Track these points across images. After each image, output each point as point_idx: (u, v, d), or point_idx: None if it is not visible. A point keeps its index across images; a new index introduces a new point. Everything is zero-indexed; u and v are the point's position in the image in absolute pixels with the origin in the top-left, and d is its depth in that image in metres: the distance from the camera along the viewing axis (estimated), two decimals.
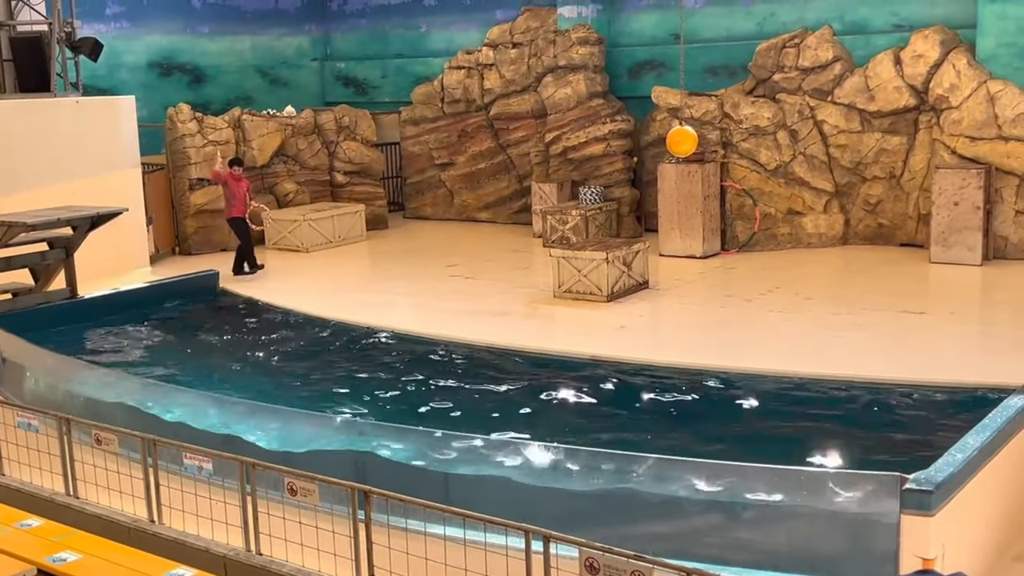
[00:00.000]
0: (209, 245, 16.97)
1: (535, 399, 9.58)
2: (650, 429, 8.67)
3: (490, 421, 9.00)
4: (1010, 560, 6.91)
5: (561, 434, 8.61)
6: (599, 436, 8.52)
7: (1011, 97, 13.73)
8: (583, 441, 8.37)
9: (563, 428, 8.75)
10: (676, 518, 6.59)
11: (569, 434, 8.59)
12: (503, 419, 9.06)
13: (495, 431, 8.72)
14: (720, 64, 16.75)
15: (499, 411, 9.28)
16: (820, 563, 6.31)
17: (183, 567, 5.85)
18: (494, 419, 9.07)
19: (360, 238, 17.64)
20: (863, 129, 14.96)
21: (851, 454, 7.98)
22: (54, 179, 14.29)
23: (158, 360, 11.47)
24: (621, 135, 16.96)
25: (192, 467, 6.97)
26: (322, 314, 12.73)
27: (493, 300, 13.02)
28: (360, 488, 6.18)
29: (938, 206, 13.90)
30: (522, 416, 9.15)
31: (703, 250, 15.14)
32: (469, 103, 18.68)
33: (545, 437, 8.48)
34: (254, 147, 17.55)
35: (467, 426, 8.92)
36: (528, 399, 9.59)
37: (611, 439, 8.38)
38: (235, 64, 20.78)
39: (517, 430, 8.66)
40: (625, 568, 5.11)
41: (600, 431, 8.67)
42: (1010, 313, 11.66)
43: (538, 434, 8.56)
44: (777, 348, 10.41)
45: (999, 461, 6.93)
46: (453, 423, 8.96)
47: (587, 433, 8.61)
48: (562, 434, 8.60)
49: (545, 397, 9.62)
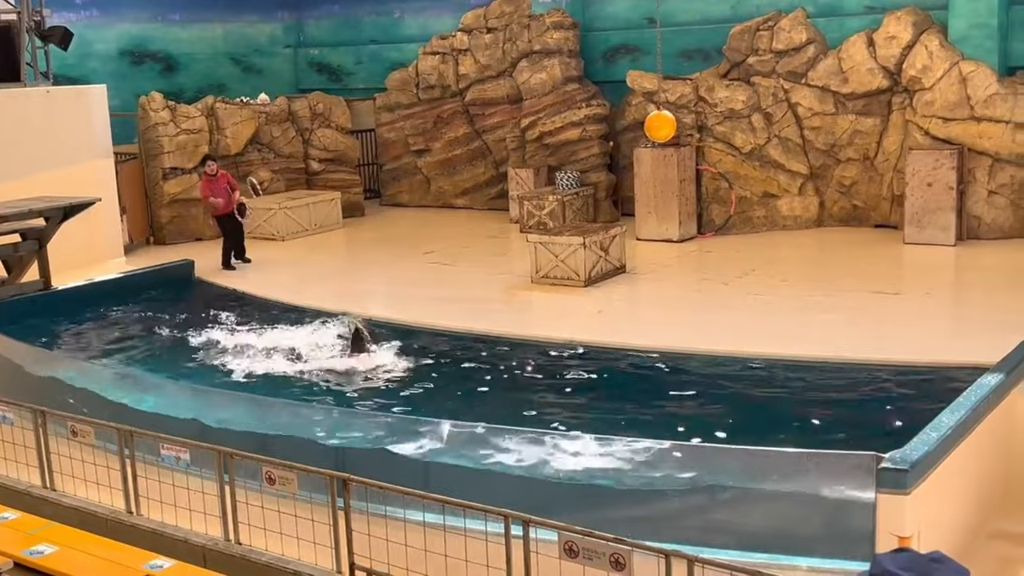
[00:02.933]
0: (184, 235, 16.86)
1: (511, 384, 9.58)
2: (628, 413, 8.69)
3: (467, 407, 9.00)
4: (985, 538, 6.98)
5: (539, 419, 8.62)
6: (578, 420, 8.54)
7: (983, 78, 13.81)
8: (560, 425, 8.40)
9: (539, 412, 8.76)
10: (653, 501, 6.62)
11: (547, 419, 8.61)
12: (476, 405, 9.06)
13: (473, 418, 8.73)
14: (694, 48, 16.75)
15: (475, 397, 9.29)
16: (798, 543, 6.35)
17: (162, 558, 5.82)
18: (470, 405, 9.08)
19: (336, 226, 17.57)
20: (837, 111, 15.02)
21: (827, 434, 8.03)
22: (25, 170, 14.13)
23: (132, 350, 11.40)
24: (597, 120, 16.96)
25: (169, 458, 6.94)
26: (298, 302, 12.68)
27: (471, 287, 13.01)
28: (339, 476, 6.17)
29: (911, 187, 13.99)
30: (497, 401, 9.15)
31: (680, 234, 15.17)
32: (444, 89, 18.61)
33: (523, 423, 8.50)
34: (228, 135, 17.42)
35: (444, 413, 8.93)
36: (504, 384, 9.59)
37: (589, 423, 8.41)
38: (207, 52, 20.61)
39: (492, 416, 8.67)
40: (604, 551, 5.13)
41: (578, 415, 8.69)
42: (983, 293, 11.76)
43: (516, 420, 8.57)
44: (754, 330, 10.45)
45: (973, 439, 6.98)
46: (431, 411, 8.96)
47: (565, 417, 8.63)
48: (540, 419, 8.62)
49: (521, 382, 9.62)
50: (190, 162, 16.87)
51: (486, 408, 8.96)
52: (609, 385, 9.46)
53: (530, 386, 9.55)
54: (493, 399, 9.28)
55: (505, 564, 5.58)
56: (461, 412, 8.52)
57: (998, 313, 10.42)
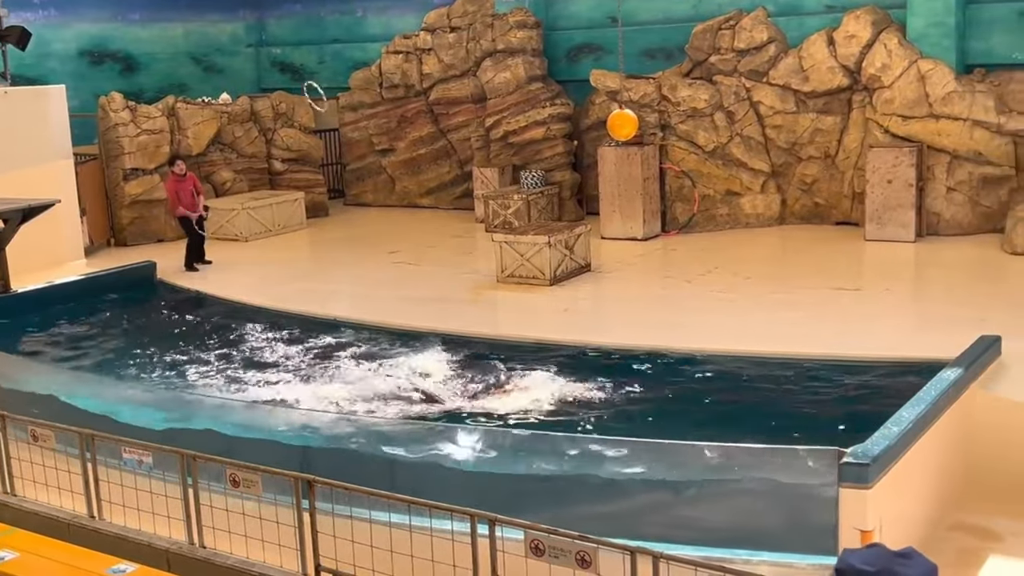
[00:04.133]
0: (145, 236, 16.69)
1: (477, 383, 9.58)
2: (594, 410, 8.72)
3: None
4: (945, 529, 7.07)
5: (505, 418, 8.64)
6: (543, 419, 8.56)
7: (941, 76, 13.98)
8: (525, 425, 8.42)
9: (507, 412, 8.77)
10: (618, 498, 6.65)
11: (514, 418, 8.63)
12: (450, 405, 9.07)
13: (441, 418, 8.73)
14: (657, 47, 16.83)
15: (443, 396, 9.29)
16: (762, 538, 6.40)
17: (125, 562, 5.78)
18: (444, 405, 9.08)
19: (300, 226, 17.48)
20: (798, 110, 15.15)
21: (790, 429, 8.10)
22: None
23: (93, 353, 11.29)
24: (561, 119, 16.99)
25: (131, 461, 6.88)
26: (262, 304, 12.61)
27: (436, 286, 12.99)
28: (303, 477, 6.15)
29: (872, 184, 14.14)
30: (465, 401, 9.15)
31: (644, 232, 15.24)
32: (408, 88, 18.56)
33: (487, 421, 8.52)
34: (189, 135, 17.28)
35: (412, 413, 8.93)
36: (469, 383, 9.59)
37: (554, 421, 8.44)
38: (168, 51, 20.42)
39: (458, 416, 8.68)
40: (570, 549, 5.15)
41: (544, 414, 8.70)
42: (943, 289, 11.91)
43: (482, 419, 8.59)
44: (718, 327, 10.52)
45: (933, 433, 7.08)
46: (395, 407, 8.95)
47: (532, 417, 8.65)
48: (506, 418, 8.64)
49: (488, 381, 9.62)
50: (151, 163, 16.71)
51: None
52: (574, 383, 9.47)
53: (491, 386, 9.55)
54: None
55: (471, 564, 5.58)
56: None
57: (957, 308, 10.57)
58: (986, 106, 13.76)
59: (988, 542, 6.92)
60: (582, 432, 8.03)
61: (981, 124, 13.81)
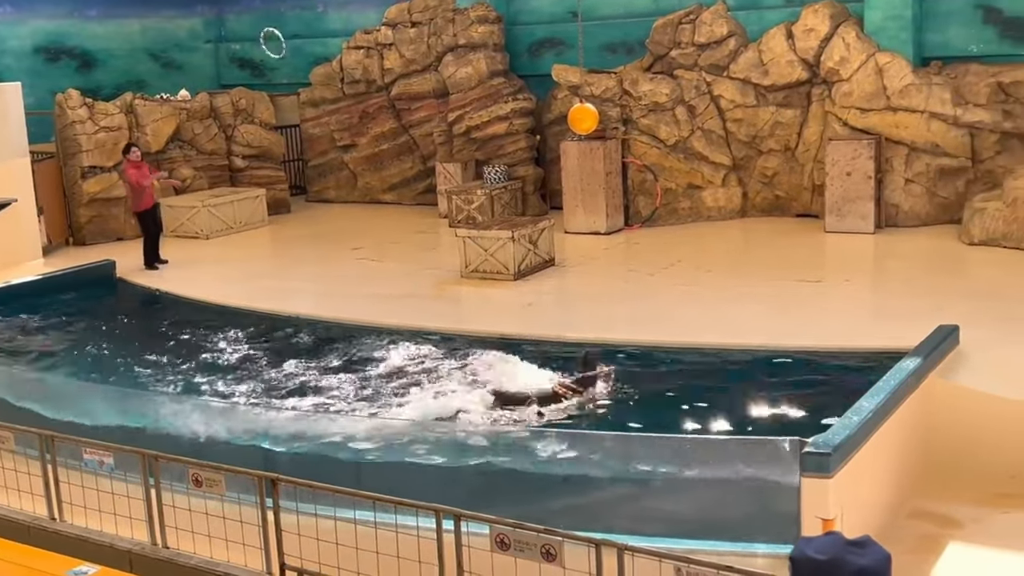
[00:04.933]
0: (104, 235, 16.51)
1: (440, 379, 9.57)
2: (557, 404, 8.73)
3: (400, 401, 8.99)
4: (905, 517, 7.17)
5: (468, 413, 8.64)
6: (510, 414, 8.56)
7: (898, 68, 14.13)
8: (492, 418, 8.42)
9: (470, 407, 8.77)
10: (583, 491, 6.68)
11: (478, 412, 8.63)
12: (410, 399, 9.05)
13: (406, 412, 8.72)
14: (618, 41, 16.87)
15: (406, 392, 9.27)
16: (726, 529, 6.45)
17: (86, 564, 5.72)
18: (404, 400, 9.06)
19: (262, 223, 17.35)
20: (758, 103, 15.25)
21: (753, 420, 8.18)
22: None
23: (52, 354, 11.15)
24: (523, 114, 17.00)
25: (92, 462, 6.81)
26: (223, 302, 12.52)
27: (400, 282, 12.96)
28: (267, 476, 6.12)
29: (831, 177, 14.27)
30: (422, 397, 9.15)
31: (607, 226, 15.29)
32: (369, 84, 18.48)
33: (452, 416, 8.52)
34: (148, 132, 17.10)
35: (376, 408, 8.91)
36: (432, 379, 9.58)
37: (521, 414, 8.44)
38: (125, 48, 20.16)
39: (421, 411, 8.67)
40: (535, 543, 5.16)
41: (509, 408, 8.71)
42: (902, 279, 12.05)
43: (443, 414, 8.58)
44: (680, 320, 10.59)
45: (893, 422, 7.17)
46: (363, 406, 8.92)
47: (499, 410, 8.65)
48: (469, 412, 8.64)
49: (450, 377, 9.62)
50: (109, 160, 16.52)
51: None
52: (540, 376, 9.49)
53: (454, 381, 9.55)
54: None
55: (437, 560, 5.58)
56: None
57: (915, 299, 10.70)
58: (943, 98, 13.93)
59: (948, 529, 7.02)
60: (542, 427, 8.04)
61: (938, 116, 13.98)
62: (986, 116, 13.79)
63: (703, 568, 4.75)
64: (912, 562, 6.36)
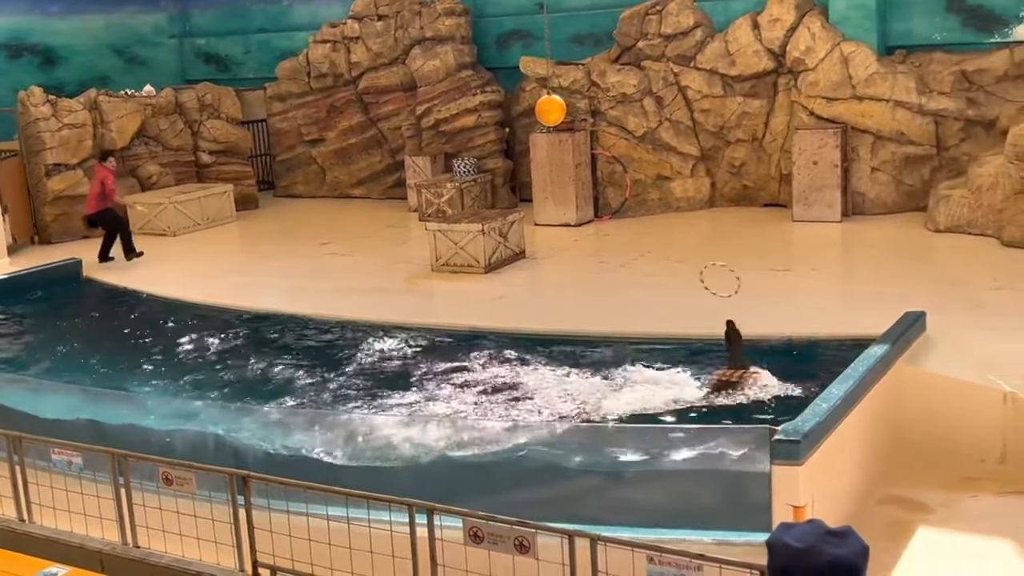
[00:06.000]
0: (70, 233, 16.32)
1: (412, 373, 9.56)
2: (533, 397, 8.75)
3: (375, 396, 8.96)
4: (874, 503, 7.23)
5: (441, 405, 8.63)
6: (486, 405, 8.57)
7: (863, 58, 14.23)
8: (467, 411, 8.42)
9: (441, 399, 8.77)
10: (554, 483, 6.69)
11: (452, 405, 8.62)
12: (384, 393, 9.03)
13: (379, 406, 8.71)
14: (586, 32, 16.87)
15: (379, 386, 9.25)
16: (698, 517, 6.49)
17: (57, 565, 5.66)
18: (378, 394, 9.04)
19: (230, 219, 17.23)
20: (725, 94, 15.31)
21: (723, 409, 8.21)
22: None
23: (17, 354, 11.03)
24: (492, 106, 16.97)
25: (61, 462, 6.74)
26: (192, 299, 12.43)
27: (370, 277, 12.92)
28: (238, 473, 6.08)
29: (798, 166, 14.36)
30: (398, 390, 9.13)
31: (577, 218, 15.30)
32: (336, 77, 18.38)
33: (425, 409, 8.51)
34: (113, 129, 16.93)
35: (350, 403, 8.89)
36: (404, 373, 9.56)
37: (496, 408, 8.45)
38: (88, 44, 19.94)
39: (396, 404, 8.66)
40: (508, 535, 5.17)
41: (484, 401, 8.72)
42: (869, 267, 12.15)
43: (416, 406, 8.57)
44: (651, 310, 10.62)
45: (862, 409, 7.23)
46: (336, 402, 8.89)
47: (474, 403, 8.65)
48: (443, 405, 8.63)
49: (422, 370, 9.61)
50: (74, 158, 16.35)
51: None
52: (511, 369, 9.49)
53: (426, 375, 9.54)
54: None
55: (411, 554, 5.58)
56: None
57: (883, 286, 10.79)
58: (907, 87, 14.04)
59: (917, 514, 7.09)
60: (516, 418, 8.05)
61: (903, 104, 14.10)
62: (950, 104, 13.93)
63: (675, 557, 4.77)
64: (883, 547, 6.41)
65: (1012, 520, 6.93)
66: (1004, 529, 6.77)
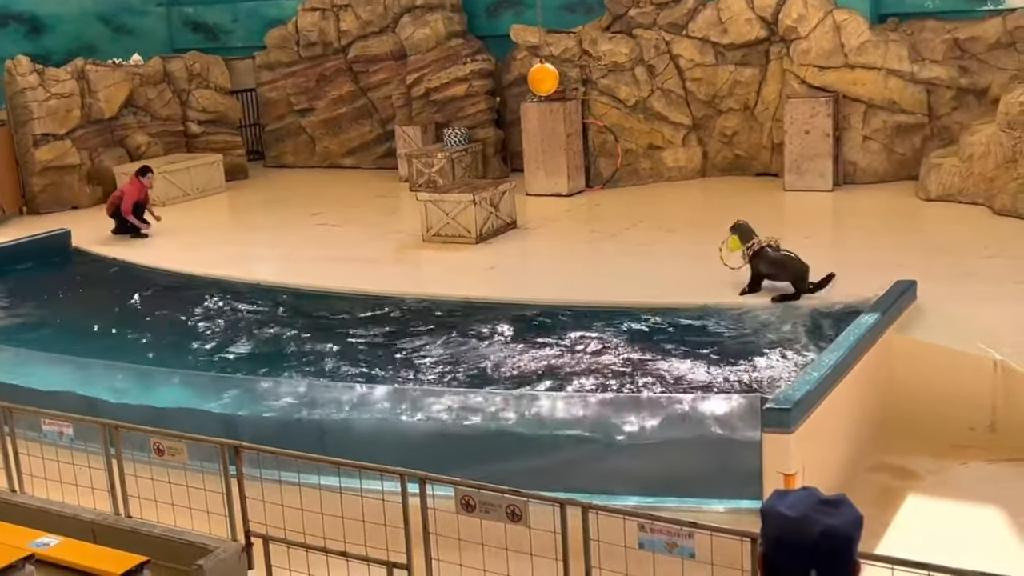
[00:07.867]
0: (59, 203, 16.23)
1: (404, 343, 9.55)
2: (524, 366, 8.76)
3: (365, 366, 8.96)
4: (864, 471, 7.27)
5: (432, 375, 8.64)
6: (475, 375, 8.57)
7: (856, 26, 14.17)
8: (457, 381, 8.42)
9: (436, 369, 8.77)
10: (546, 452, 6.70)
11: (443, 375, 8.63)
12: (375, 364, 9.03)
13: (371, 376, 8.70)
14: (577, 0, 16.75)
15: (369, 356, 9.25)
16: (689, 485, 6.52)
17: (48, 535, 5.65)
18: (369, 364, 9.04)
19: (219, 189, 17.14)
20: (717, 62, 15.24)
21: (715, 377, 8.23)
22: None
23: (8, 325, 11.00)
24: (482, 75, 16.87)
25: (52, 433, 6.72)
26: (182, 269, 12.38)
27: (361, 247, 12.88)
28: (230, 443, 6.07)
29: (790, 135, 14.32)
30: (386, 360, 9.13)
31: (569, 188, 15.25)
32: (326, 46, 18.23)
33: (413, 379, 8.51)
34: (100, 99, 16.79)
35: (344, 373, 8.88)
36: (397, 344, 9.56)
37: (486, 377, 8.45)
38: (75, 12, 19.70)
39: (385, 374, 8.65)
40: (500, 503, 5.17)
41: (474, 370, 8.72)
42: (860, 236, 12.15)
43: (406, 376, 8.57)
44: (644, 279, 10.61)
45: (852, 377, 7.25)
46: (328, 371, 8.89)
47: (463, 373, 8.66)
48: (434, 375, 8.63)
49: (414, 340, 9.60)
50: (62, 127, 16.23)
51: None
52: (503, 339, 9.50)
53: (419, 344, 9.54)
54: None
55: (403, 523, 5.59)
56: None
57: (874, 254, 10.79)
58: (900, 55, 13.99)
59: (907, 481, 7.14)
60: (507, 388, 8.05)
61: (895, 73, 14.05)
62: (942, 72, 13.88)
63: (667, 524, 4.79)
64: (873, 515, 6.44)
65: (1001, 487, 6.98)
66: (993, 496, 6.82)
